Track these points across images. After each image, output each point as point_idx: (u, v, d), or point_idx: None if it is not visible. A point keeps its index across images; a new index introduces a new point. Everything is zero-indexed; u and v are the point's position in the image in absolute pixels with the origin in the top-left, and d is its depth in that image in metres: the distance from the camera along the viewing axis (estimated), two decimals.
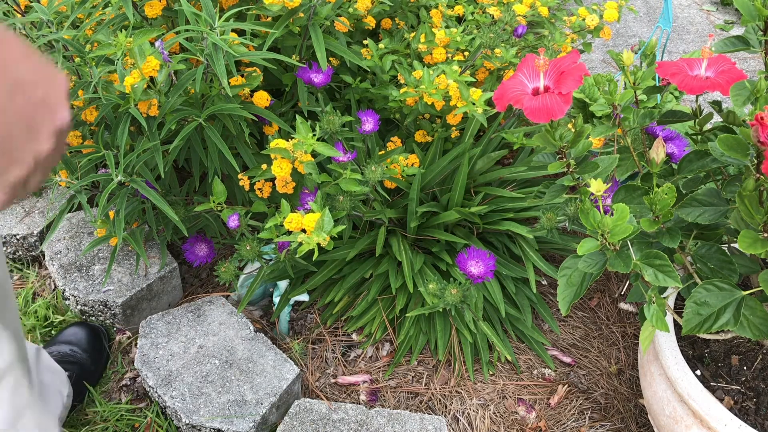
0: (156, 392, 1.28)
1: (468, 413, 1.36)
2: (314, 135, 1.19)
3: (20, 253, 1.62)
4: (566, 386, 1.40)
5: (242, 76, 1.30)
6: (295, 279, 1.47)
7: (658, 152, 0.85)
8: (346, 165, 1.24)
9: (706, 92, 0.80)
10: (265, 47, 1.24)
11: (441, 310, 1.36)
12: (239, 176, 1.31)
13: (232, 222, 1.30)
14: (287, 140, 1.20)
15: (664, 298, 0.87)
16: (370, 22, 1.48)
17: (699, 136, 0.97)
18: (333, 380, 1.41)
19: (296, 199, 1.29)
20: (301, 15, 1.29)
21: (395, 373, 1.42)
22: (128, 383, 1.39)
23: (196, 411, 1.23)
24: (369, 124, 1.34)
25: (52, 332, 1.47)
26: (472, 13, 1.53)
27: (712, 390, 1.06)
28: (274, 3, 1.23)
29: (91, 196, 1.33)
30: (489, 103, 1.36)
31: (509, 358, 1.42)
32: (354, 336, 1.48)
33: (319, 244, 1.11)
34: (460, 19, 1.62)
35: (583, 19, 1.53)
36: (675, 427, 1.06)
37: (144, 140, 1.23)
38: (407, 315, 1.39)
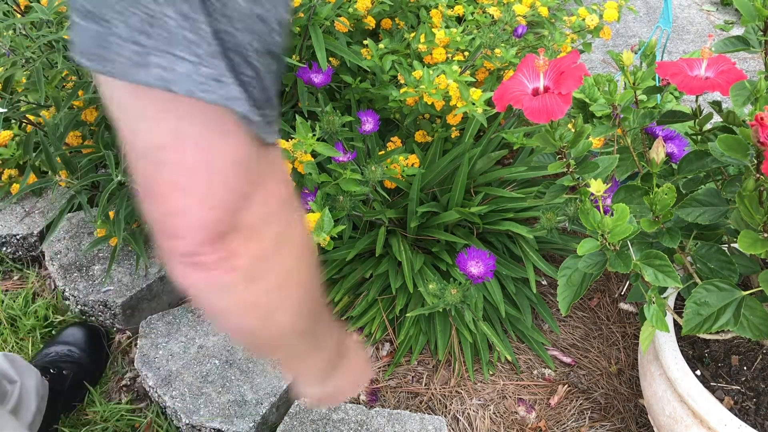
0: (156, 392, 1.28)
1: (468, 413, 1.36)
2: (314, 135, 1.19)
3: (20, 253, 1.62)
4: (566, 386, 1.40)
5: None
6: None
7: (658, 152, 0.85)
8: (346, 165, 1.24)
9: (706, 92, 0.80)
10: None
11: (441, 310, 1.36)
12: None
13: None
14: (287, 140, 1.20)
15: (664, 298, 0.88)
16: (370, 22, 1.48)
17: (699, 136, 0.97)
18: None
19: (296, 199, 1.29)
20: (301, 15, 1.29)
21: (395, 373, 1.42)
22: (128, 383, 1.39)
23: (196, 411, 1.23)
24: (369, 124, 1.34)
25: (52, 332, 1.47)
26: (472, 13, 1.53)
27: (712, 390, 1.06)
28: None
29: (91, 196, 1.33)
30: (489, 103, 1.36)
31: (509, 358, 1.42)
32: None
33: (319, 244, 1.11)
34: (460, 19, 1.62)
35: (583, 19, 1.53)
36: (675, 427, 1.06)
37: None
38: (407, 315, 1.39)
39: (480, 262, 1.21)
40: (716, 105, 0.97)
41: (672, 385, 1.06)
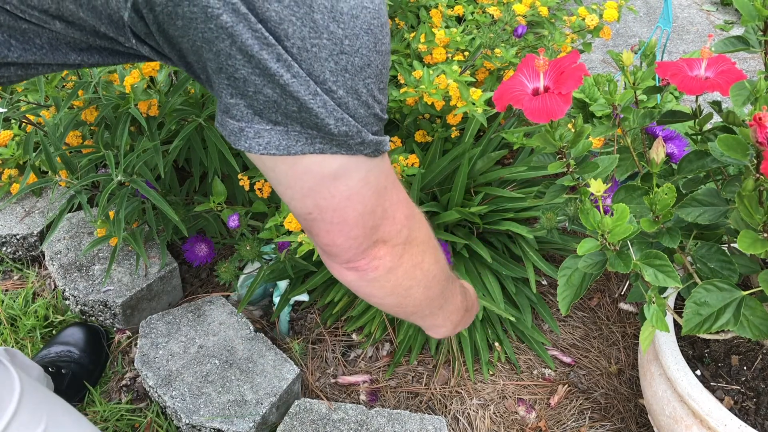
0: (156, 392, 1.28)
1: (468, 413, 1.36)
2: None
3: (20, 253, 1.62)
4: (566, 386, 1.40)
5: None
6: (295, 279, 1.48)
7: (658, 152, 0.85)
8: None
9: (706, 92, 0.80)
10: None
11: None
12: (239, 176, 1.31)
13: (232, 222, 1.30)
14: None
15: (664, 298, 0.87)
16: None
17: (699, 136, 0.97)
18: (333, 380, 1.41)
19: None
20: None
21: (395, 373, 1.42)
22: (128, 383, 1.39)
23: (196, 411, 1.23)
24: None
25: (53, 332, 1.47)
26: (472, 13, 1.53)
27: (712, 390, 1.06)
28: None
29: (91, 196, 1.33)
30: (489, 103, 1.35)
31: (508, 354, 1.42)
32: (354, 336, 1.48)
33: None
34: (460, 19, 1.62)
35: (583, 19, 1.53)
36: (675, 427, 1.06)
37: (144, 140, 1.24)
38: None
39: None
40: (716, 105, 0.97)
41: (672, 385, 1.06)
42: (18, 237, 1.59)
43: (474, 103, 1.30)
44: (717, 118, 1.98)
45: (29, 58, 0.57)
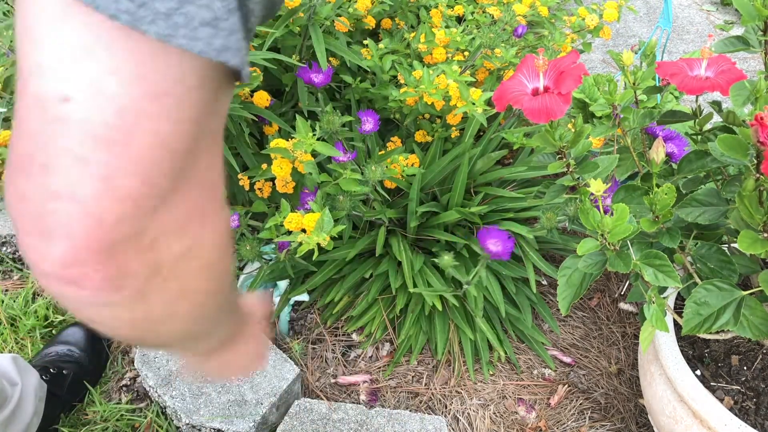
0: (156, 392, 1.28)
1: (468, 413, 1.36)
2: (314, 135, 1.19)
3: (20, 253, 1.62)
4: (566, 386, 1.40)
5: None
6: (295, 279, 1.47)
7: (657, 152, 0.85)
8: (346, 165, 1.24)
9: (706, 92, 0.80)
10: (265, 47, 1.24)
11: (441, 309, 1.37)
12: (239, 176, 1.31)
13: (232, 222, 1.30)
14: (287, 140, 1.20)
15: (664, 298, 0.87)
16: (370, 22, 1.48)
17: (699, 136, 0.97)
18: (333, 380, 1.41)
19: (296, 199, 1.29)
20: (301, 15, 1.29)
21: (395, 373, 1.42)
22: (128, 383, 1.39)
23: (197, 411, 1.23)
24: (369, 124, 1.34)
25: (53, 332, 1.47)
26: (472, 13, 1.53)
27: (712, 390, 1.06)
28: None
29: None
30: (489, 103, 1.36)
31: (507, 354, 1.41)
32: (354, 336, 1.48)
33: (319, 244, 1.11)
34: (460, 19, 1.63)
35: (583, 19, 1.53)
36: (675, 427, 1.06)
37: None
38: (410, 311, 1.39)
39: (499, 241, 1.20)
40: (716, 105, 0.97)
41: (672, 385, 1.06)
42: None
43: (474, 103, 1.30)
44: (717, 118, 1.98)
45: None
